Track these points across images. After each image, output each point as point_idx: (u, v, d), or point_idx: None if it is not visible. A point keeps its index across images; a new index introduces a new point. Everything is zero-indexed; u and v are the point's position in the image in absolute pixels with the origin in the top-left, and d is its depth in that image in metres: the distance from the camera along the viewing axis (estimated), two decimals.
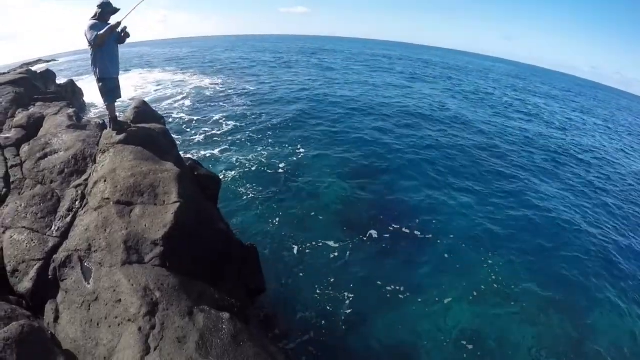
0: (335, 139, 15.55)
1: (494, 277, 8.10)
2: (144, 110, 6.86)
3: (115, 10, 5.49)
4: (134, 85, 28.15)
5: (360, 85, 29.66)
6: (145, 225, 4.16)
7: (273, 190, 10.81)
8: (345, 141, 15.28)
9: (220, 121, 17.44)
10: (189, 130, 16.23)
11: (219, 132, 15.81)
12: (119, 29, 5.42)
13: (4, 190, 5.58)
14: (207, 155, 13.28)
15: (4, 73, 13.21)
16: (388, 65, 51.17)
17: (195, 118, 17.98)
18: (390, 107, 21.93)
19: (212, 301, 3.69)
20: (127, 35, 5.61)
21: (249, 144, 14.53)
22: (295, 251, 8.33)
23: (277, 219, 9.42)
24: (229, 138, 15.10)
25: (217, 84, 27.76)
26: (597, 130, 26.31)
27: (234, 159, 12.89)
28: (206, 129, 16.23)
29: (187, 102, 21.59)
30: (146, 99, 18.65)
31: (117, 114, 6.08)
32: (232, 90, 25.03)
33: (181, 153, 6.90)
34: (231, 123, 17.19)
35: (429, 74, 43.83)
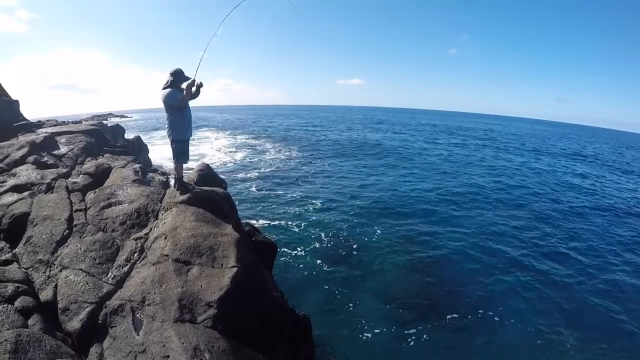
0: (408, 216, 16.26)
1: None
2: (207, 173, 7.66)
3: (187, 79, 6.45)
4: (212, 148, 32.52)
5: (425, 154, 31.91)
6: (201, 286, 4.55)
7: (336, 265, 11.30)
8: (418, 220, 15.82)
9: (289, 193, 18.95)
10: (258, 197, 17.84)
11: (287, 203, 17.09)
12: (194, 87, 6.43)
13: (67, 231, 6.23)
14: (272, 223, 14.32)
15: (78, 122, 14.97)
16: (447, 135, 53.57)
17: (268, 188, 19.77)
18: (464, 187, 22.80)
19: None
20: (201, 85, 6.52)
21: (315, 216, 15.45)
22: (350, 327, 8.49)
23: (334, 292, 9.80)
24: (296, 209, 16.24)
25: (293, 156, 30.68)
26: None
27: (298, 230, 13.82)
28: (275, 199, 17.66)
29: (263, 172, 23.97)
30: (225, 165, 20.31)
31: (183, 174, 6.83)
32: (305, 162, 27.81)
33: (247, 220, 7.51)
34: (299, 193, 18.75)
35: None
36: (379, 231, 14.05)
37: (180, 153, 6.71)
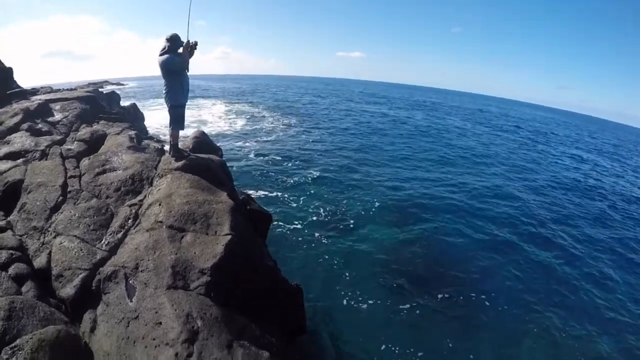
0: (401, 189, 16.15)
1: None
2: (202, 140, 7.55)
3: (182, 43, 6.27)
4: (211, 115, 32.69)
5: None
6: (195, 253, 4.49)
7: (331, 236, 11.19)
8: (410, 194, 15.71)
9: (286, 162, 18.80)
10: (255, 166, 17.59)
11: (284, 173, 16.94)
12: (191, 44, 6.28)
13: (60, 198, 6.15)
14: (269, 194, 14.18)
15: (73, 89, 14.70)
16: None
17: (266, 157, 19.54)
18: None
19: (252, 337, 3.89)
20: (196, 43, 6.33)
21: (312, 187, 15.38)
22: (342, 299, 8.47)
23: (329, 264, 9.72)
24: (294, 179, 16.10)
25: (291, 126, 30.31)
26: None
27: (295, 201, 13.69)
28: (272, 169, 17.48)
29: (260, 140, 23.69)
30: (223, 133, 20.14)
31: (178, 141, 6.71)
32: (304, 132, 27.74)
33: (243, 189, 7.38)
34: (296, 163, 18.66)
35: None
36: (377, 203, 13.93)
37: (177, 119, 6.61)
